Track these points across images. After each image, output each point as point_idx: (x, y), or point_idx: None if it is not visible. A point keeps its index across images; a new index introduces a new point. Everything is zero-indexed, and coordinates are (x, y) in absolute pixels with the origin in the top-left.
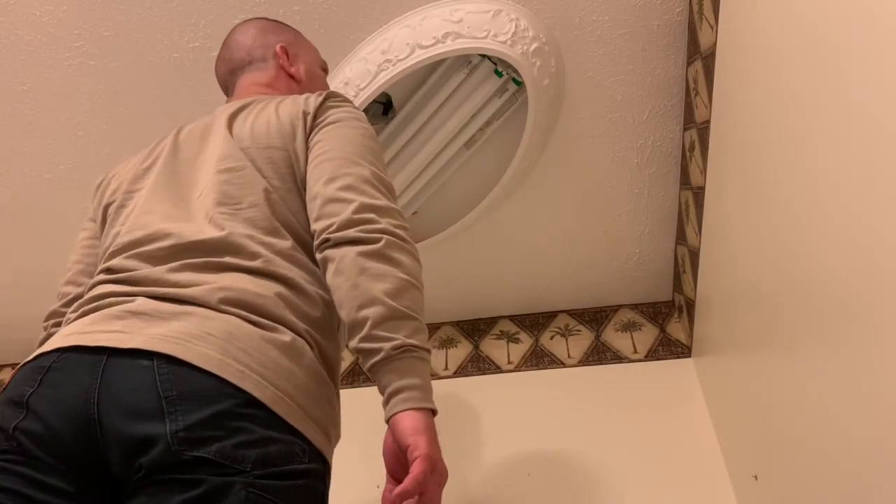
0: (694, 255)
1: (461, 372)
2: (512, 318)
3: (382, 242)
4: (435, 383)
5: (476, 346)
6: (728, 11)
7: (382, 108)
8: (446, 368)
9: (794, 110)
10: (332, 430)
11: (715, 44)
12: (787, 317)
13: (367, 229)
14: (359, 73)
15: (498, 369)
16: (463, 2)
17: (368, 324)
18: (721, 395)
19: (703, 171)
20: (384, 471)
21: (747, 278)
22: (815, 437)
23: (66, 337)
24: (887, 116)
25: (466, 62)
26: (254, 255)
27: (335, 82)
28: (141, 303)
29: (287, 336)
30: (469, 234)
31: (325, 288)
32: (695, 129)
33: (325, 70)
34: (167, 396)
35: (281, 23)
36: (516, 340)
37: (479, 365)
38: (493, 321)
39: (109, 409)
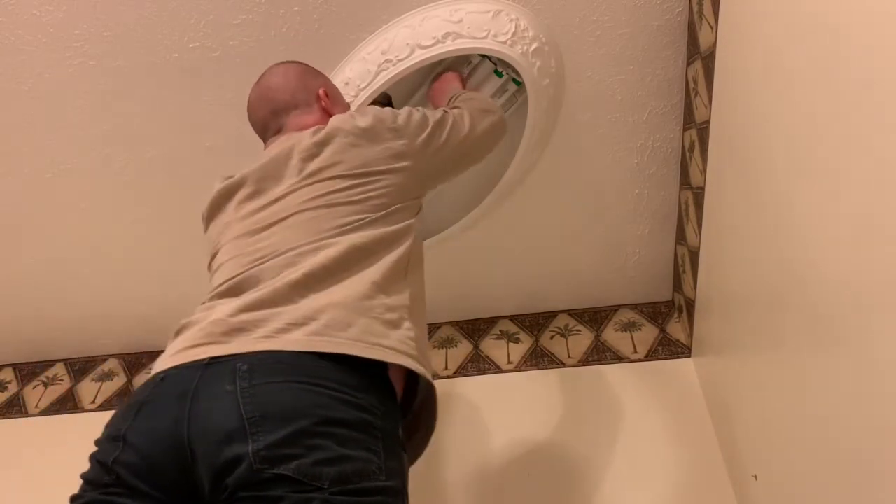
0: (694, 255)
1: (461, 372)
2: (512, 318)
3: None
4: (435, 383)
5: (476, 346)
6: (728, 11)
7: (382, 108)
8: (446, 368)
9: (793, 110)
10: (407, 448)
11: (715, 44)
12: (787, 317)
13: None
14: (359, 73)
15: (498, 369)
16: (463, 2)
17: None
18: (721, 395)
19: (703, 171)
20: None
21: (747, 278)
22: (815, 437)
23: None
24: (887, 116)
25: (466, 62)
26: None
27: (335, 82)
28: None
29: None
30: (469, 233)
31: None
32: (695, 129)
33: (349, 108)
34: (249, 418)
35: (311, 66)
36: (516, 340)
37: (479, 365)
38: (493, 321)
39: (198, 434)
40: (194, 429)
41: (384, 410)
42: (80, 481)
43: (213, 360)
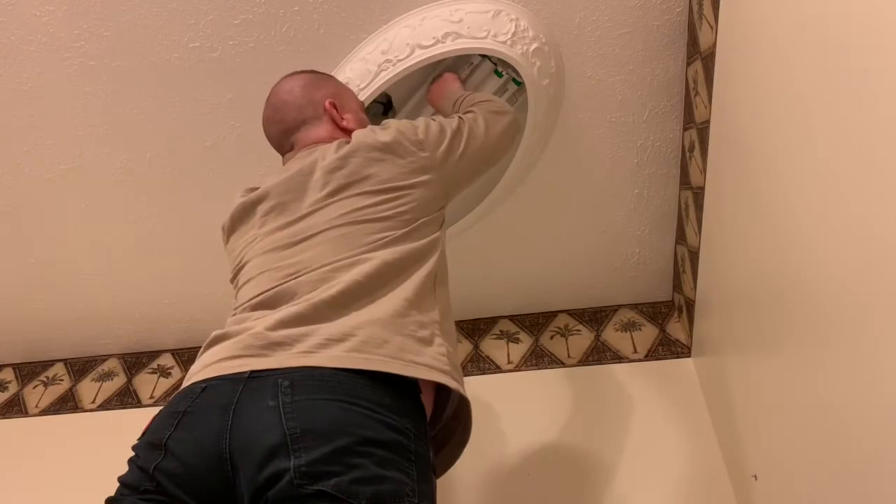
0: (694, 255)
1: None
2: (512, 318)
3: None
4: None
5: (476, 346)
6: (728, 11)
7: (382, 108)
8: None
9: (793, 110)
10: (436, 470)
11: (715, 44)
12: (787, 316)
13: None
14: (359, 73)
15: (498, 369)
16: (463, 2)
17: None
18: (721, 395)
19: (703, 171)
20: None
21: (747, 278)
22: (815, 437)
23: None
24: (887, 116)
25: (467, 62)
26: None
27: None
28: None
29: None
30: (469, 233)
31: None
32: (694, 129)
33: (363, 107)
34: (291, 434)
35: (319, 73)
36: (516, 340)
37: (479, 365)
38: (493, 321)
39: (240, 447)
40: (236, 443)
41: (417, 433)
42: (99, 482)
43: (254, 374)
